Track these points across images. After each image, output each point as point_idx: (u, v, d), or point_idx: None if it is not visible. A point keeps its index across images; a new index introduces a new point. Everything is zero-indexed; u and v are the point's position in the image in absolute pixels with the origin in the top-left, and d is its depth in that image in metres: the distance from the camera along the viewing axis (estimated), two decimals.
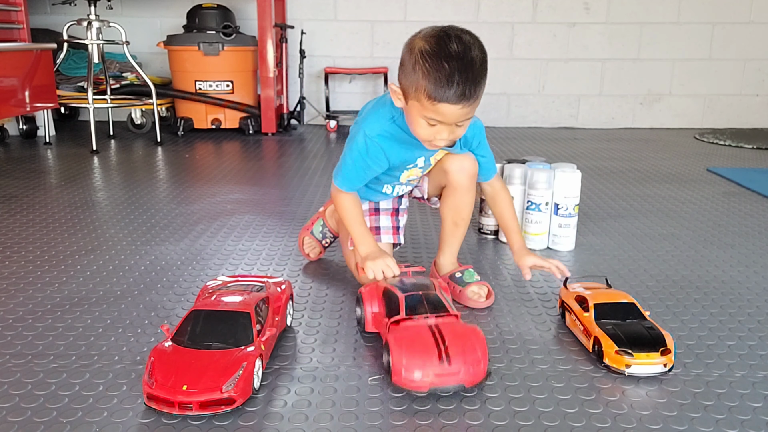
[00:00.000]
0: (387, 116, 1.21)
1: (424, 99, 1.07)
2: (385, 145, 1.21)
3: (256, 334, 0.98)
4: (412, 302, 1.06)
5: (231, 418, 0.90)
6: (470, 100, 1.06)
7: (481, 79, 1.07)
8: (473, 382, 0.95)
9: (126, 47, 3.01)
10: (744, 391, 0.99)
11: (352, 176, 1.24)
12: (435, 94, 1.05)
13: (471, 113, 1.10)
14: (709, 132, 3.68)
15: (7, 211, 1.89)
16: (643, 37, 3.76)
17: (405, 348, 0.96)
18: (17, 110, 2.82)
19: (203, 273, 1.44)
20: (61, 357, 1.06)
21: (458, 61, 1.04)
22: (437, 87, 1.04)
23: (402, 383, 0.95)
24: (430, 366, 0.94)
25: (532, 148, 3.13)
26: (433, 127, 1.11)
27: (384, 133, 1.20)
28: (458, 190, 1.32)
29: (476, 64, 1.06)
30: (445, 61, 1.04)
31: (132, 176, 2.42)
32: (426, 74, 1.05)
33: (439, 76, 1.04)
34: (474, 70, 1.05)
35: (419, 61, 1.06)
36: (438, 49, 1.05)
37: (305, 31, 3.64)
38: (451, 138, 1.14)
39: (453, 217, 1.36)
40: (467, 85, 1.04)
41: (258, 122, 3.41)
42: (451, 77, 1.04)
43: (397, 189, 1.39)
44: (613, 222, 1.89)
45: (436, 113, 1.08)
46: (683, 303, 1.32)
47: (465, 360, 0.95)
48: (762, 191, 2.25)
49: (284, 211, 1.95)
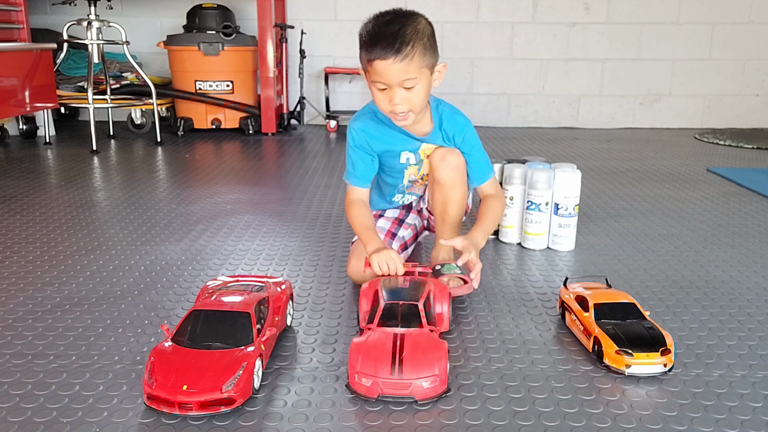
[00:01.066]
0: (369, 111, 1.34)
1: (365, 64, 1.20)
2: (368, 134, 1.34)
3: (256, 334, 0.98)
4: (389, 311, 1.06)
5: (231, 418, 0.90)
6: (399, 54, 1.15)
7: (411, 38, 1.16)
8: (425, 396, 0.94)
9: (126, 47, 3.01)
10: (744, 391, 0.99)
11: (350, 168, 1.36)
12: (369, 55, 1.17)
13: (411, 71, 1.17)
14: (709, 132, 3.68)
15: (7, 211, 1.89)
16: (643, 37, 3.76)
17: (362, 353, 0.96)
18: (17, 110, 2.82)
19: (203, 273, 1.44)
20: (61, 357, 1.06)
21: (386, 24, 1.17)
22: (367, 46, 1.18)
23: (354, 386, 0.96)
24: (381, 374, 0.94)
25: (532, 148, 3.13)
26: (384, 93, 1.21)
27: (365, 125, 1.34)
28: (442, 184, 1.34)
29: (407, 26, 1.17)
30: (374, 25, 1.18)
31: (132, 176, 2.42)
32: (362, 41, 1.19)
33: (368, 37, 1.18)
34: (402, 29, 1.16)
35: (361, 34, 1.20)
36: (374, 19, 1.20)
37: (305, 31, 3.64)
38: (406, 105, 1.21)
39: (440, 211, 1.38)
40: (394, 40, 1.15)
41: (258, 122, 3.41)
42: (378, 34, 1.16)
43: (406, 197, 1.47)
44: (613, 222, 1.89)
45: (376, 74, 1.18)
46: (683, 303, 1.32)
47: (418, 374, 0.94)
48: (762, 191, 2.25)
49: (284, 211, 1.95)
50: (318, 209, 1.98)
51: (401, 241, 1.47)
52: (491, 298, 1.33)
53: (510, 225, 1.69)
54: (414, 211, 1.52)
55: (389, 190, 1.46)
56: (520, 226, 1.68)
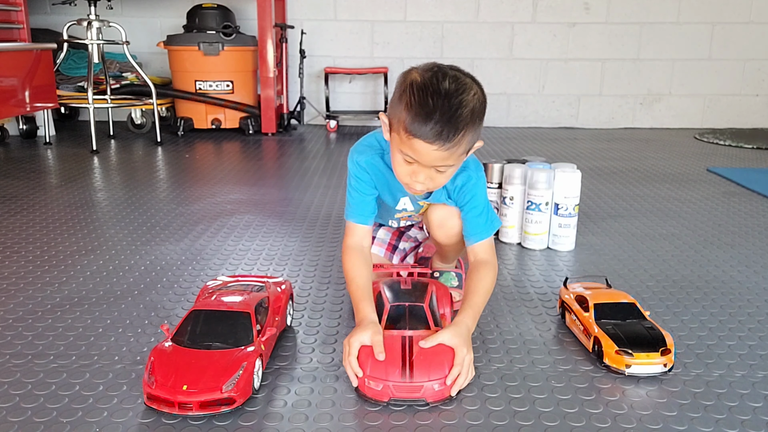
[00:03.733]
0: (377, 149, 1.19)
1: (402, 132, 1.01)
2: (372, 173, 1.19)
3: (256, 334, 0.98)
4: (395, 313, 1.05)
5: (231, 418, 0.90)
6: (447, 143, 0.98)
7: (466, 125, 0.99)
8: (436, 398, 0.94)
9: (126, 47, 3.01)
10: (744, 391, 0.99)
11: (351, 203, 1.21)
12: (411, 128, 0.98)
13: (450, 159, 1.02)
14: (709, 132, 3.68)
15: (7, 211, 1.89)
16: (643, 37, 3.76)
17: (371, 357, 0.96)
18: (17, 110, 2.82)
19: (203, 273, 1.44)
20: (61, 357, 1.06)
21: (444, 99, 0.98)
22: (414, 120, 0.98)
23: (364, 390, 0.95)
24: (391, 378, 0.93)
25: (532, 148, 3.13)
26: (410, 166, 1.04)
27: (371, 164, 1.18)
28: (440, 245, 1.28)
29: (464, 107, 0.98)
30: (431, 97, 0.98)
31: (132, 176, 2.42)
32: (408, 106, 0.99)
33: (420, 111, 0.97)
34: (459, 112, 0.98)
35: (406, 92, 1.00)
36: (428, 84, 0.99)
37: (305, 31, 3.64)
38: (430, 185, 1.07)
39: (437, 251, 1.34)
40: (446, 126, 0.97)
41: (258, 122, 3.41)
42: (432, 114, 0.97)
43: (402, 223, 1.38)
44: (613, 222, 1.89)
45: (411, 149, 1.01)
46: (683, 303, 1.32)
47: (429, 377, 0.94)
48: (762, 191, 2.25)
49: (284, 211, 1.95)
50: (318, 209, 1.98)
51: (402, 253, 1.42)
52: (491, 298, 1.33)
53: (510, 225, 1.69)
54: (416, 227, 1.44)
55: (386, 215, 1.35)
56: (520, 226, 1.68)
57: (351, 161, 1.19)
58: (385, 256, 1.39)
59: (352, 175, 1.20)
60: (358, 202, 1.20)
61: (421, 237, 1.44)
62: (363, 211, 1.20)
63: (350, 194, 1.20)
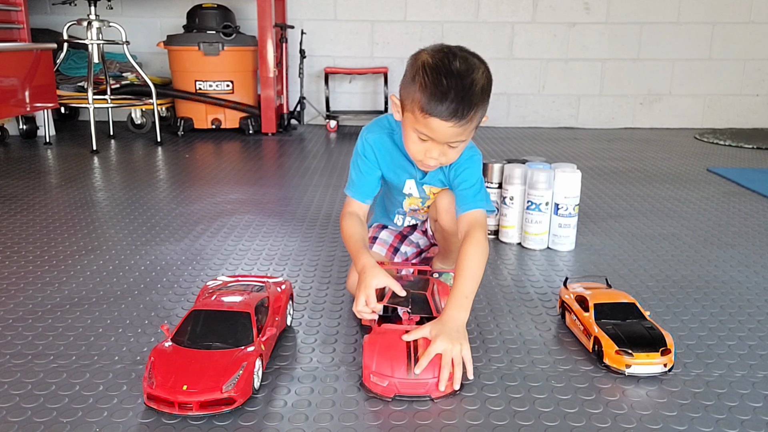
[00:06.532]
0: (387, 128, 1.24)
1: (417, 111, 1.06)
2: (378, 153, 1.24)
3: (256, 334, 0.98)
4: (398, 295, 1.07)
5: (231, 418, 0.90)
6: (462, 120, 1.04)
7: (478, 101, 1.05)
8: (441, 394, 0.95)
9: (126, 47, 3.01)
10: (744, 391, 0.99)
11: (354, 178, 1.26)
12: (427, 108, 1.04)
13: (463, 135, 1.08)
14: (709, 132, 3.68)
15: (7, 211, 1.89)
16: (643, 37, 3.76)
17: (377, 352, 0.96)
18: (17, 110, 2.82)
19: (203, 273, 1.44)
20: (61, 357, 1.06)
21: (457, 78, 1.04)
22: (431, 100, 1.03)
23: (370, 386, 0.96)
24: (397, 374, 0.94)
25: (532, 148, 3.13)
26: (424, 143, 1.10)
27: (380, 140, 1.23)
28: (444, 230, 1.29)
29: (475, 85, 1.05)
30: (444, 77, 1.04)
31: (132, 176, 2.42)
32: (423, 87, 1.04)
33: (435, 90, 1.03)
34: (471, 91, 1.04)
35: (419, 73, 1.06)
36: (440, 64, 1.05)
37: (305, 31, 3.64)
38: (443, 160, 1.13)
39: (441, 247, 1.35)
40: (461, 104, 1.03)
41: (258, 122, 3.41)
42: (447, 93, 1.03)
43: (407, 220, 1.40)
44: (613, 222, 1.89)
45: (426, 128, 1.07)
46: (683, 303, 1.32)
47: (434, 373, 0.94)
48: (762, 191, 2.25)
49: (284, 211, 1.95)
50: (318, 209, 1.98)
51: (403, 256, 1.42)
52: (491, 298, 1.33)
53: (510, 225, 1.69)
54: (419, 231, 1.43)
55: (392, 208, 1.38)
56: (520, 226, 1.68)
57: (360, 139, 1.25)
58: (386, 257, 1.39)
59: (359, 152, 1.25)
60: (359, 179, 1.25)
61: (423, 244, 1.44)
62: (362, 189, 1.25)
63: (353, 170, 1.26)
